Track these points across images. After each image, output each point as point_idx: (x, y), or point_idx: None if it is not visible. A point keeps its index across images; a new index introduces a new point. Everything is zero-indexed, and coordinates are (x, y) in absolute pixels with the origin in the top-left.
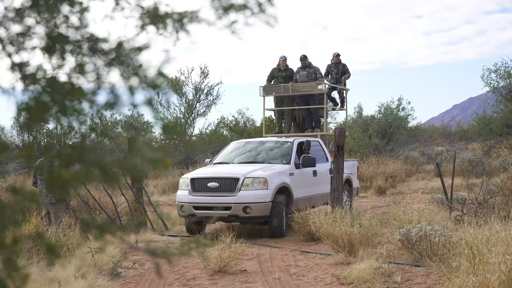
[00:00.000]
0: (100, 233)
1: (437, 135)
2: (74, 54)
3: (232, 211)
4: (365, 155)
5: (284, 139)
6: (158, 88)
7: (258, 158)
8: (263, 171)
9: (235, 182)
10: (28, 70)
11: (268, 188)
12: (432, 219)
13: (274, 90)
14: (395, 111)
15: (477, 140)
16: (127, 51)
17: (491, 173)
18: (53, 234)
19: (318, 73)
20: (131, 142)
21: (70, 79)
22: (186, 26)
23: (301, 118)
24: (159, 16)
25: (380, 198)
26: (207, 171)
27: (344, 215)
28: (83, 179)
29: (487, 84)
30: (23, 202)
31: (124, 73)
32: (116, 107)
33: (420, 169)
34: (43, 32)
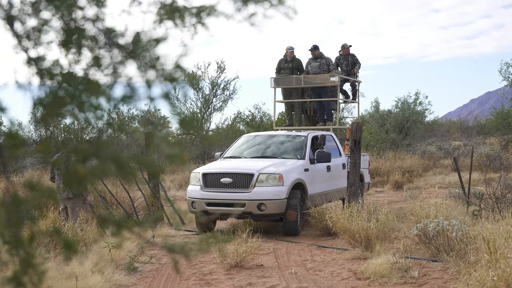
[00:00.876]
0: (118, 229)
1: (455, 129)
2: (90, 48)
3: (246, 208)
4: (382, 149)
5: (297, 132)
6: (176, 82)
7: (271, 153)
8: (278, 166)
9: (250, 178)
10: (45, 65)
11: (283, 184)
12: (449, 214)
13: (285, 82)
14: (412, 106)
15: (494, 134)
16: (144, 43)
17: (509, 168)
18: (70, 229)
19: (331, 64)
20: (148, 137)
21: (87, 74)
22: (204, 19)
23: (312, 110)
24: (177, 10)
25: (397, 193)
26: (220, 165)
27: (360, 210)
28: (99, 175)
29: (505, 78)
30: (40, 198)
31: (141, 66)
32: (132, 101)
33: (437, 164)
34: (59, 26)
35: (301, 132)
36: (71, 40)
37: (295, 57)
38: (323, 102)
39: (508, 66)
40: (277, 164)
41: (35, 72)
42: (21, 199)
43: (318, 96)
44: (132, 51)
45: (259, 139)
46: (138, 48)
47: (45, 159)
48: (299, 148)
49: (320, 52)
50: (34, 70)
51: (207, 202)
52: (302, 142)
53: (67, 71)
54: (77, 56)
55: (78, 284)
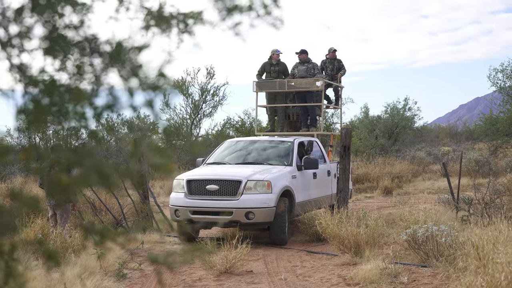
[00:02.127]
0: (101, 238)
1: (444, 135)
2: (72, 55)
3: (233, 216)
4: (371, 155)
5: (283, 138)
6: (159, 90)
7: (255, 159)
8: (265, 173)
9: (237, 185)
10: (28, 72)
11: (272, 192)
12: (439, 219)
13: (268, 86)
14: (401, 111)
15: (483, 140)
16: (126, 51)
17: (498, 173)
18: (58, 236)
19: (316, 68)
20: (134, 145)
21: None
22: (190, 27)
23: (295, 116)
24: (163, 17)
25: (387, 198)
26: (204, 172)
27: (350, 216)
28: (82, 184)
29: (493, 83)
30: (22, 208)
31: (122, 74)
32: (115, 109)
33: (426, 169)
34: (42, 33)
35: (287, 138)
36: (54, 47)
37: (280, 60)
38: (308, 107)
39: (496, 72)
40: (264, 170)
41: (18, 79)
42: (3, 208)
43: (303, 101)
44: (113, 58)
45: (243, 144)
46: (120, 56)
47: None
48: (285, 154)
49: (308, 57)
50: (17, 78)
51: (192, 210)
52: (288, 148)
53: (50, 79)
54: (60, 64)
55: None
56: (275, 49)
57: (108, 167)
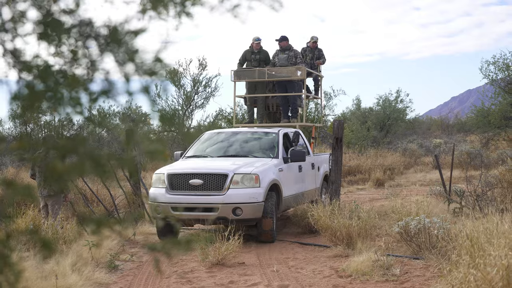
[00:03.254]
0: (98, 227)
1: (435, 127)
2: (67, 40)
3: (219, 212)
4: (363, 147)
5: (267, 129)
6: (155, 76)
7: (239, 151)
8: (252, 166)
9: (223, 179)
10: (22, 58)
11: (260, 186)
12: (431, 211)
13: (248, 75)
14: (393, 103)
15: (475, 132)
16: (122, 35)
17: (490, 166)
18: (49, 227)
19: (298, 57)
20: (129, 134)
21: (65, 67)
22: (188, 9)
23: (274, 106)
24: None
25: (379, 190)
26: (186, 165)
27: (342, 208)
28: (78, 172)
29: (485, 76)
30: (16, 196)
31: (118, 59)
32: (111, 96)
33: (418, 161)
34: (36, 18)
35: (271, 129)
36: (49, 32)
37: (262, 48)
38: (289, 97)
39: (488, 64)
40: (250, 163)
41: (12, 65)
42: None
43: (284, 91)
44: (109, 43)
45: (224, 136)
46: (116, 40)
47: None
48: (271, 146)
49: (288, 44)
50: (11, 64)
51: (173, 206)
52: (273, 139)
53: (44, 64)
54: (55, 49)
55: (58, 283)
56: (256, 37)
57: (103, 155)
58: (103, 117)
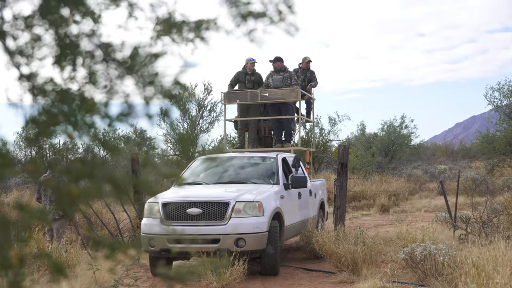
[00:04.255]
0: (111, 252)
1: (440, 153)
2: (85, 63)
3: (221, 244)
4: (368, 172)
5: (264, 154)
6: (174, 99)
7: (237, 177)
8: (253, 193)
9: (224, 207)
10: (37, 82)
11: (263, 214)
12: (436, 238)
13: (239, 97)
14: (398, 129)
15: (480, 158)
16: (143, 58)
17: (495, 192)
18: (54, 250)
19: (293, 78)
20: (144, 158)
21: (82, 90)
22: (203, 34)
23: (267, 130)
24: (174, 25)
25: (384, 216)
26: (182, 193)
27: (348, 234)
28: (94, 195)
29: (490, 102)
30: (30, 220)
31: (139, 82)
32: (130, 118)
33: (423, 187)
34: (53, 42)
35: (269, 154)
36: (65, 55)
37: (255, 70)
38: (283, 121)
39: (493, 90)
40: (251, 190)
41: (28, 89)
42: (9, 220)
43: (278, 113)
44: (130, 66)
45: (218, 162)
46: (136, 63)
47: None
48: (270, 171)
49: (283, 65)
50: (27, 87)
51: (170, 238)
52: (272, 164)
53: (60, 88)
54: (72, 73)
55: None
56: (250, 58)
57: (121, 178)
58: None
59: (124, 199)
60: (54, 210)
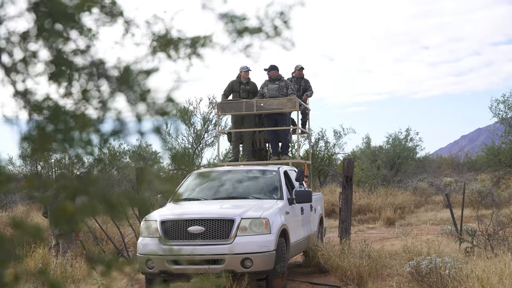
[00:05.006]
0: (107, 268)
1: (446, 166)
2: (79, 80)
3: (226, 265)
4: (373, 185)
5: (264, 167)
6: (167, 116)
7: (237, 192)
8: (259, 209)
9: (229, 225)
10: (33, 98)
11: (271, 232)
12: (442, 251)
13: (234, 107)
14: (403, 142)
15: (486, 171)
16: (135, 75)
17: (501, 204)
18: (58, 266)
19: (290, 87)
20: (140, 173)
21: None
22: (199, 50)
23: (262, 142)
24: (170, 41)
25: (389, 229)
26: (181, 210)
27: (353, 247)
28: (89, 212)
29: (495, 114)
30: (24, 237)
31: (130, 99)
32: (122, 136)
33: (429, 200)
34: (48, 58)
35: (269, 167)
36: (60, 72)
37: (250, 79)
38: (279, 132)
39: (498, 102)
40: (255, 206)
41: (23, 105)
42: (5, 238)
43: (274, 124)
44: (121, 83)
45: (215, 176)
46: (128, 80)
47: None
48: (272, 185)
49: (279, 73)
50: (22, 104)
51: (170, 259)
52: (274, 178)
53: (55, 105)
54: (66, 89)
55: None
56: (244, 66)
57: (115, 195)
58: (114, 156)
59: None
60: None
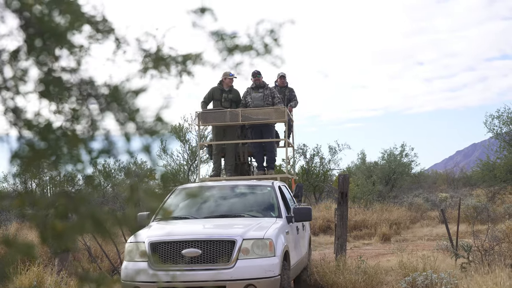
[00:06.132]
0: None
1: (441, 181)
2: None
3: None
4: (369, 201)
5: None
6: (157, 135)
7: (230, 210)
8: (259, 229)
9: (229, 246)
10: (23, 116)
11: (275, 254)
12: (438, 266)
13: (216, 117)
14: (398, 158)
15: (481, 186)
16: (123, 95)
17: (496, 220)
18: (53, 284)
19: (276, 96)
20: (131, 191)
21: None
22: (190, 68)
23: (246, 156)
24: (162, 58)
25: (385, 245)
26: (173, 230)
27: (349, 264)
28: (77, 231)
29: (490, 130)
30: (16, 255)
31: (119, 118)
32: (111, 155)
33: (424, 216)
34: (38, 77)
35: (263, 182)
36: (50, 90)
37: (233, 87)
38: (265, 145)
39: (493, 118)
40: (255, 225)
41: (13, 123)
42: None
43: (259, 136)
44: (109, 103)
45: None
46: (116, 99)
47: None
48: (267, 202)
49: (263, 81)
50: (12, 121)
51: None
52: (269, 194)
53: (46, 123)
54: (56, 107)
55: None
56: (228, 72)
57: (103, 214)
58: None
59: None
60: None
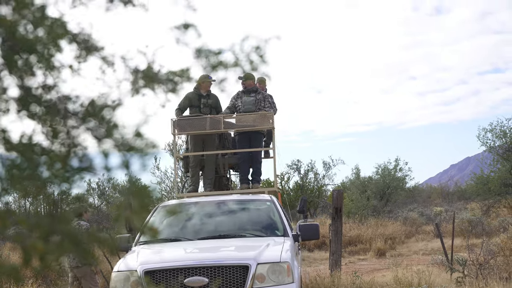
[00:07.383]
0: None
1: (436, 195)
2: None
3: None
4: (363, 216)
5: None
6: (135, 151)
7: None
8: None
9: (243, 273)
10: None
11: (293, 280)
12: (433, 281)
13: (195, 125)
14: (392, 172)
15: (475, 199)
16: (100, 110)
17: (491, 233)
18: None
19: (267, 101)
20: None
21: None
22: (178, 85)
23: (226, 168)
24: (151, 76)
25: (380, 260)
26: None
27: (344, 279)
28: (58, 252)
29: (483, 143)
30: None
31: (96, 135)
32: (89, 172)
33: (419, 230)
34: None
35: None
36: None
37: (210, 91)
38: (253, 155)
39: (486, 131)
40: (265, 246)
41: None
42: None
43: (247, 144)
44: (85, 118)
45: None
46: (92, 115)
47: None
48: (268, 219)
49: (255, 84)
50: None
51: None
52: (268, 210)
53: (26, 142)
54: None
55: None
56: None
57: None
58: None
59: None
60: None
